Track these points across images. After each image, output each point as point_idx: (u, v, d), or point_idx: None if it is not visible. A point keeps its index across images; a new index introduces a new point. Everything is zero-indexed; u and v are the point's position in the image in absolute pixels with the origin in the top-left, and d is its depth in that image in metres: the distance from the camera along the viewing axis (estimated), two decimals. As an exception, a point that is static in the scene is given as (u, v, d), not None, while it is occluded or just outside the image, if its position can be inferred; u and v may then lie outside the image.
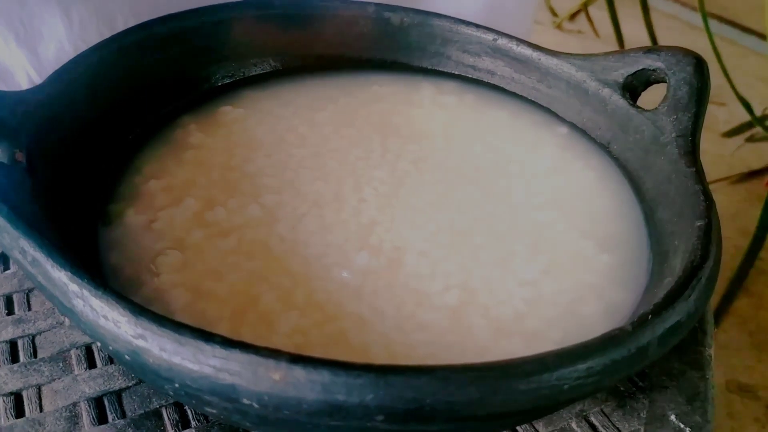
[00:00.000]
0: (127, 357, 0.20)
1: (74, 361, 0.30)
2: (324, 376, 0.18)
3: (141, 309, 0.19)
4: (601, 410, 0.29)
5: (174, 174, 0.32)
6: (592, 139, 0.35)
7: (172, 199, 0.31)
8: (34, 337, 0.31)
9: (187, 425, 0.27)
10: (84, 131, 0.30)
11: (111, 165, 0.32)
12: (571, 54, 0.36)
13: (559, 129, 0.36)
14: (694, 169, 0.28)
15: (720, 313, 0.95)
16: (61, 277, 0.20)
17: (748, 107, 1.15)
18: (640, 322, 0.21)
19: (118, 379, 0.29)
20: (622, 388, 0.29)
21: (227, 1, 0.37)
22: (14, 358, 0.30)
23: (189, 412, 0.27)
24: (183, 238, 0.29)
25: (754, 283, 1.00)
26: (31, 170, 0.25)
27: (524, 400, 0.19)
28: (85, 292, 0.20)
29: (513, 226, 0.30)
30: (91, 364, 0.30)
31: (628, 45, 1.34)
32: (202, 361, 0.19)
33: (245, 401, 0.19)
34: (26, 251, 0.21)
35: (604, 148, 0.34)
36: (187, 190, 0.31)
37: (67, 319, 0.32)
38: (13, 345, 0.31)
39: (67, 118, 0.29)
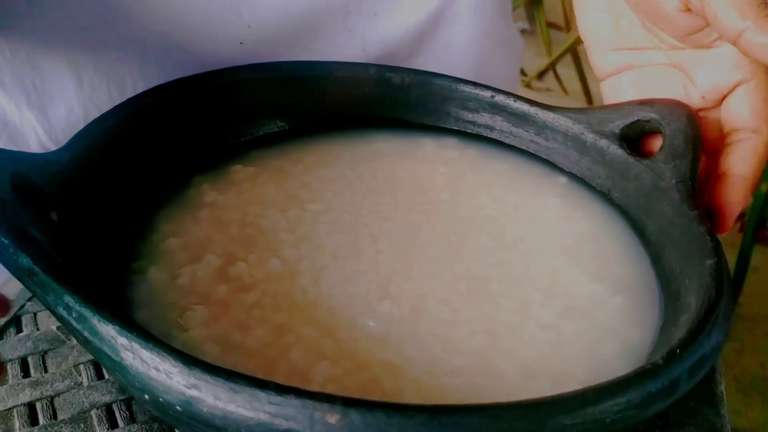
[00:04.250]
0: (178, 408, 0.20)
1: (95, 422, 0.30)
2: (379, 417, 0.19)
3: (193, 359, 0.20)
4: (623, 451, 0.29)
5: (191, 232, 0.33)
6: (592, 188, 0.36)
7: (192, 256, 0.31)
8: (52, 398, 0.31)
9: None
10: (103, 192, 0.31)
11: (130, 225, 0.32)
12: (567, 108, 0.38)
13: (559, 179, 0.37)
14: (697, 212, 0.30)
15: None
16: (108, 331, 0.21)
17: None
18: (670, 357, 0.22)
19: (141, 438, 0.29)
20: (639, 428, 0.30)
21: (233, 65, 0.39)
22: (33, 420, 0.30)
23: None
24: (208, 293, 0.29)
25: (735, 329, 1.02)
26: (62, 229, 0.25)
27: (570, 433, 0.20)
28: (135, 345, 0.20)
29: (526, 273, 0.31)
30: (113, 424, 0.30)
31: (595, 101, 1.39)
32: (257, 408, 0.19)
33: (300, 447, 0.19)
34: (71, 307, 0.21)
35: (605, 195, 0.36)
36: (206, 246, 0.32)
37: (85, 380, 0.31)
38: (31, 407, 0.30)
39: (87, 179, 0.30)
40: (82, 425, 0.30)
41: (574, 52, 1.36)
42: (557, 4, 1.50)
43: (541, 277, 0.31)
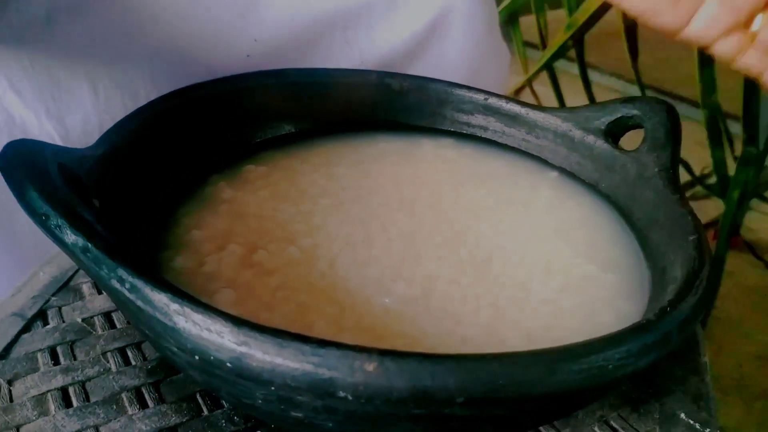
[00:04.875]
0: (228, 365, 0.22)
1: (126, 403, 0.31)
2: (411, 364, 0.21)
3: (241, 320, 0.22)
4: (619, 414, 0.32)
5: (213, 225, 0.35)
6: (581, 180, 0.39)
7: (216, 246, 0.33)
8: (84, 383, 0.32)
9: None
10: (128, 187, 0.33)
11: (154, 219, 0.34)
12: (555, 108, 0.41)
13: (551, 174, 0.40)
14: (678, 196, 0.33)
15: (683, 360, 1.00)
16: (162, 298, 0.23)
17: (687, 168, 1.24)
18: (662, 313, 0.25)
19: (171, 416, 0.31)
20: (633, 395, 0.33)
21: (243, 72, 0.41)
22: (68, 403, 0.31)
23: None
24: (233, 278, 0.31)
25: (713, 332, 1.06)
26: (103, 215, 0.28)
27: (577, 378, 0.22)
28: (187, 309, 0.22)
29: (525, 256, 0.34)
30: (143, 404, 0.32)
31: (571, 116, 1.43)
32: (302, 359, 0.21)
33: (341, 394, 0.21)
34: (125, 279, 0.23)
35: (593, 187, 0.39)
36: (228, 237, 0.34)
37: (113, 366, 0.33)
38: (64, 391, 0.32)
39: (118, 173, 0.32)
40: (114, 406, 0.31)
41: (550, 68, 1.40)
42: (532, 24, 1.54)
43: (538, 260, 0.34)
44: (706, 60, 1.06)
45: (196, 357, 0.23)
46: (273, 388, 0.22)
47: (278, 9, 0.43)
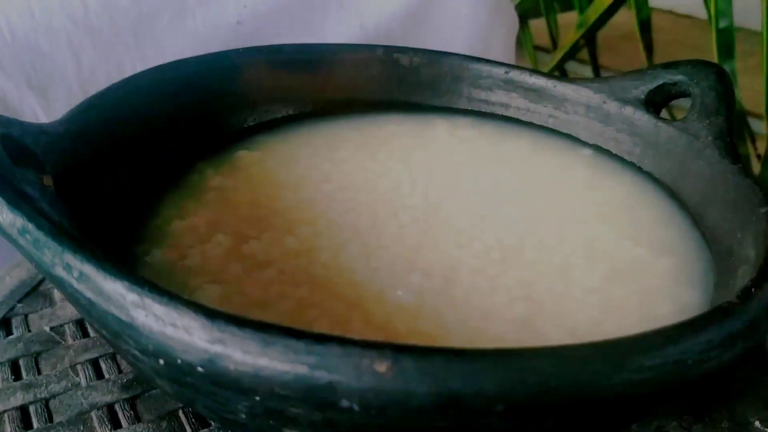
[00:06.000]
0: (200, 369, 0.17)
1: (96, 423, 0.27)
2: (436, 363, 0.16)
3: (215, 311, 0.17)
4: (680, 424, 0.27)
5: (197, 214, 0.30)
6: (618, 158, 0.35)
7: (200, 237, 0.29)
8: (47, 401, 0.28)
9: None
10: (99, 171, 0.28)
11: (130, 209, 0.30)
12: (586, 78, 0.36)
13: (584, 151, 0.35)
14: (740, 165, 0.28)
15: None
16: (116, 287, 0.18)
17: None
18: (745, 295, 0.20)
19: (148, 437, 0.26)
20: (696, 400, 0.28)
21: (231, 45, 0.37)
22: (27, 425, 0.27)
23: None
24: (220, 272, 0.26)
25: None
26: (60, 195, 0.23)
27: (650, 376, 0.17)
28: (148, 301, 0.18)
29: (563, 240, 0.29)
30: (116, 424, 0.27)
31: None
32: (294, 360, 0.16)
33: (344, 403, 0.16)
34: (72, 266, 0.19)
35: (634, 164, 0.34)
36: (215, 227, 0.29)
37: (83, 380, 0.29)
38: (24, 411, 0.27)
39: (85, 153, 0.27)
40: (81, 427, 0.27)
41: (562, 70, 1.36)
42: (543, 28, 1.50)
43: (578, 244, 0.29)
44: (725, 54, 1.01)
45: (161, 361, 0.18)
46: (258, 398, 0.17)
47: None
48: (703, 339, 0.18)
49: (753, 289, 0.20)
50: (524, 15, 1.48)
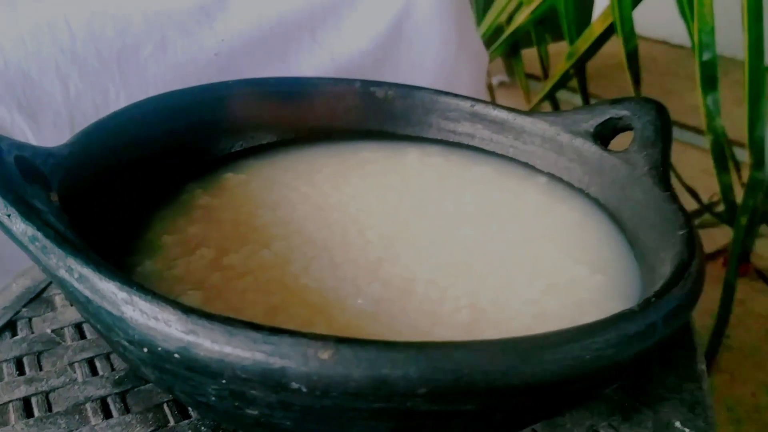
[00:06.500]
0: (176, 356, 0.21)
1: (90, 414, 0.30)
2: (370, 352, 0.20)
3: (190, 308, 0.21)
4: (610, 424, 0.30)
5: (185, 230, 0.34)
6: (570, 185, 0.38)
7: (186, 249, 0.32)
8: (47, 393, 0.31)
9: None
10: (101, 187, 0.32)
11: (125, 225, 0.33)
12: (543, 112, 0.40)
13: (539, 179, 0.39)
14: (669, 193, 0.32)
15: (696, 390, 0.97)
16: (110, 287, 0.22)
17: (695, 196, 1.22)
18: (645, 304, 0.23)
19: (136, 426, 0.29)
20: (626, 404, 0.31)
21: (209, 75, 0.41)
22: (29, 414, 0.30)
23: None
24: (202, 280, 0.30)
25: (725, 361, 1.03)
26: (64, 209, 0.27)
27: (551, 369, 0.20)
28: (135, 298, 0.21)
29: (510, 258, 0.33)
30: (108, 415, 0.30)
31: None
32: (253, 348, 0.20)
33: (294, 385, 0.20)
34: (73, 269, 0.22)
35: (582, 191, 0.37)
36: (200, 242, 0.33)
37: (80, 376, 0.32)
38: (26, 402, 0.30)
39: (87, 174, 0.31)
40: (77, 417, 0.30)
41: (553, 99, 1.40)
42: (534, 56, 1.55)
43: (524, 261, 0.32)
44: (708, 86, 1.05)
45: (145, 349, 0.21)
46: (224, 381, 0.21)
47: (243, 9, 0.43)
48: (601, 338, 0.21)
49: (653, 299, 0.23)
50: (517, 44, 1.53)
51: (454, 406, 0.21)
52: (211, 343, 0.20)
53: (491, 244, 0.33)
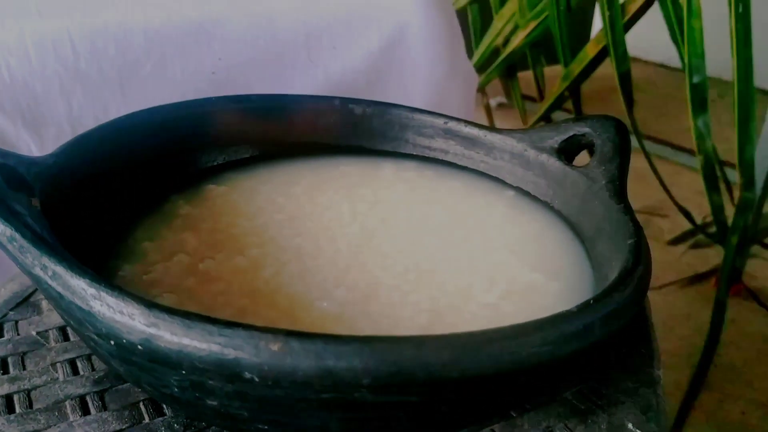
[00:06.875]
0: (140, 347, 0.22)
1: (69, 410, 0.31)
2: (317, 344, 0.21)
3: (152, 303, 0.22)
4: (566, 425, 0.31)
5: (165, 237, 0.35)
6: (535, 198, 0.40)
7: (164, 255, 0.34)
8: (29, 391, 0.32)
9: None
10: (83, 195, 0.34)
11: (107, 232, 0.35)
12: (511, 129, 0.41)
13: (507, 192, 0.41)
14: (623, 205, 0.33)
15: (686, 408, 0.97)
16: (80, 284, 0.23)
17: (689, 217, 1.23)
18: (583, 306, 0.25)
19: (112, 423, 0.31)
20: (582, 407, 0.32)
21: (207, 92, 0.43)
22: (10, 410, 0.31)
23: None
24: (177, 284, 0.32)
25: (715, 379, 1.03)
26: (45, 214, 0.28)
27: (488, 364, 0.22)
28: (102, 294, 0.23)
29: (471, 265, 0.34)
30: (86, 412, 0.31)
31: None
32: (209, 340, 0.21)
33: (247, 375, 0.21)
34: (47, 266, 0.24)
35: (547, 204, 0.39)
36: (178, 248, 0.34)
37: (61, 376, 0.33)
38: (8, 399, 0.32)
39: (69, 182, 0.33)
40: (56, 413, 0.31)
41: (548, 119, 1.42)
42: (530, 78, 1.57)
43: (484, 269, 0.34)
44: (699, 108, 1.07)
45: (112, 342, 0.23)
46: (183, 371, 0.22)
47: (240, 29, 0.45)
48: (537, 336, 0.23)
49: (591, 302, 0.25)
50: (513, 67, 1.55)
51: (398, 397, 0.22)
52: (171, 335, 0.22)
53: (454, 253, 0.35)
